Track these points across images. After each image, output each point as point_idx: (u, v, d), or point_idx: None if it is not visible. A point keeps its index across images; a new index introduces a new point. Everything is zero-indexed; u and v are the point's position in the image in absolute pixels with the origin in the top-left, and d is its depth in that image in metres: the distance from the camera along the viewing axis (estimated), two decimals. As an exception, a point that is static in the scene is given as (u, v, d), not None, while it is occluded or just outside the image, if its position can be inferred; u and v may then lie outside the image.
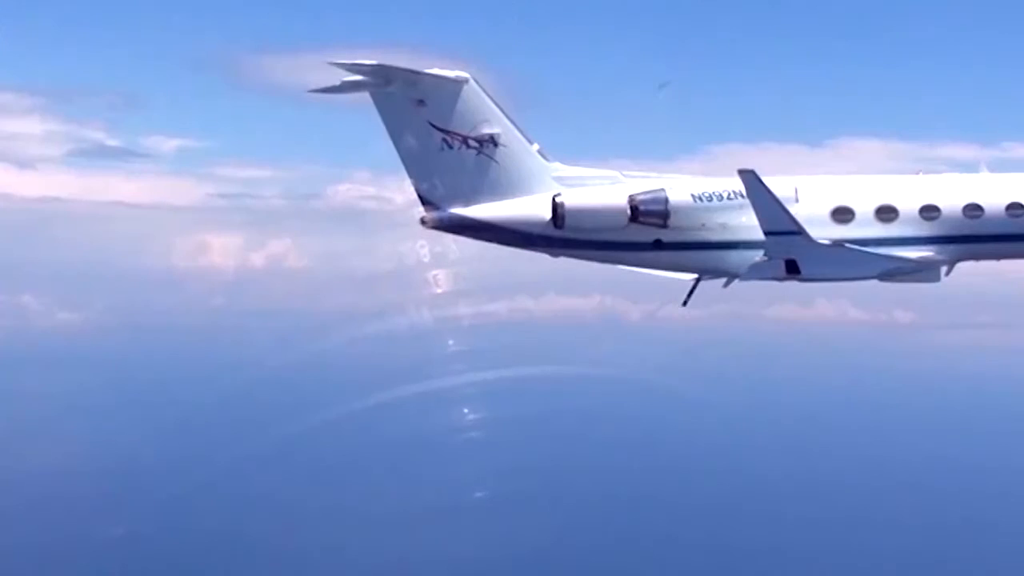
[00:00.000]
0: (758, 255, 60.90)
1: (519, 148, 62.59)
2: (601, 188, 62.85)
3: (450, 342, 79.34)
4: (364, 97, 61.52)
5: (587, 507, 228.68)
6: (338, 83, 60.42)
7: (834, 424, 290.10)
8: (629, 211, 61.58)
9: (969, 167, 67.18)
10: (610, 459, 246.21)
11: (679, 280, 66.02)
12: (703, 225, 61.73)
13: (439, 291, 67.32)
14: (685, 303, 66.17)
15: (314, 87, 61.20)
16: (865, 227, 62.34)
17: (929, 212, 62.99)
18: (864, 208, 62.67)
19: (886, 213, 62.74)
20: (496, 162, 62.24)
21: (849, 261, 60.94)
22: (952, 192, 63.71)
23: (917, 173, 66.11)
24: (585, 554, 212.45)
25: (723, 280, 64.82)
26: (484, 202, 62.35)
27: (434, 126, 61.43)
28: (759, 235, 59.28)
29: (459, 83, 61.45)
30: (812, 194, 62.23)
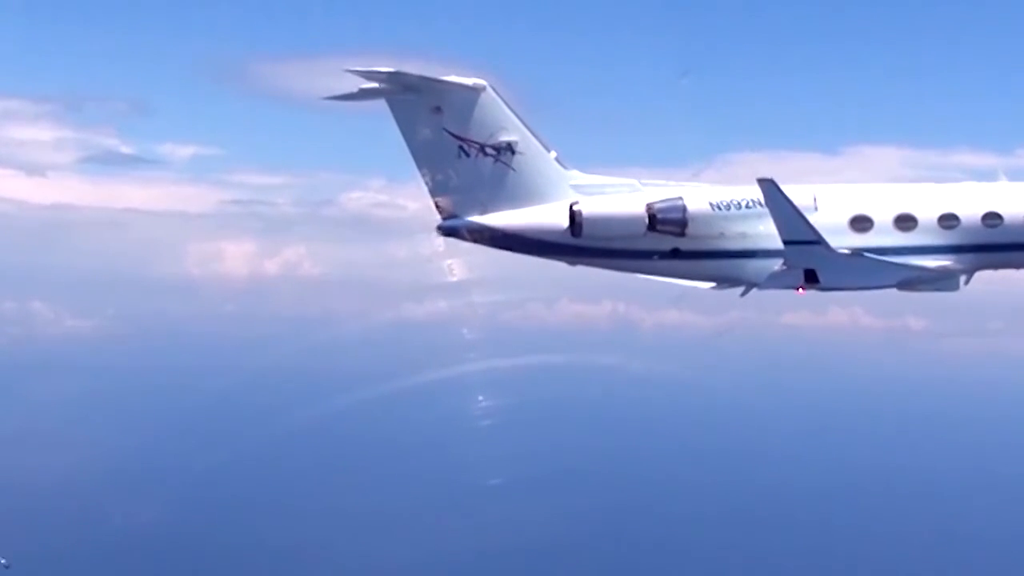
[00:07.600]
0: (776, 264, 60.46)
1: (536, 156, 62.13)
2: (619, 196, 62.33)
3: (462, 345, 78.99)
4: (378, 104, 61.08)
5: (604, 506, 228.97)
6: (354, 90, 59.99)
7: (847, 430, 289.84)
8: (647, 219, 61.11)
9: (984, 174, 66.61)
10: (623, 465, 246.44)
11: (697, 288, 65.62)
12: (721, 234, 61.27)
13: (451, 297, 67.07)
14: None
15: (330, 94, 60.80)
16: (884, 236, 61.85)
17: (948, 221, 62.45)
18: (883, 217, 62.19)
19: (905, 222, 62.26)
20: (513, 170, 61.78)
21: (868, 270, 60.45)
22: (971, 201, 63.15)
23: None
24: (596, 542, 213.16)
25: (740, 289, 64.35)
26: (501, 210, 61.90)
27: (451, 133, 61.00)
28: (778, 244, 58.80)
29: (476, 90, 61.02)
30: (831, 203, 61.72)
